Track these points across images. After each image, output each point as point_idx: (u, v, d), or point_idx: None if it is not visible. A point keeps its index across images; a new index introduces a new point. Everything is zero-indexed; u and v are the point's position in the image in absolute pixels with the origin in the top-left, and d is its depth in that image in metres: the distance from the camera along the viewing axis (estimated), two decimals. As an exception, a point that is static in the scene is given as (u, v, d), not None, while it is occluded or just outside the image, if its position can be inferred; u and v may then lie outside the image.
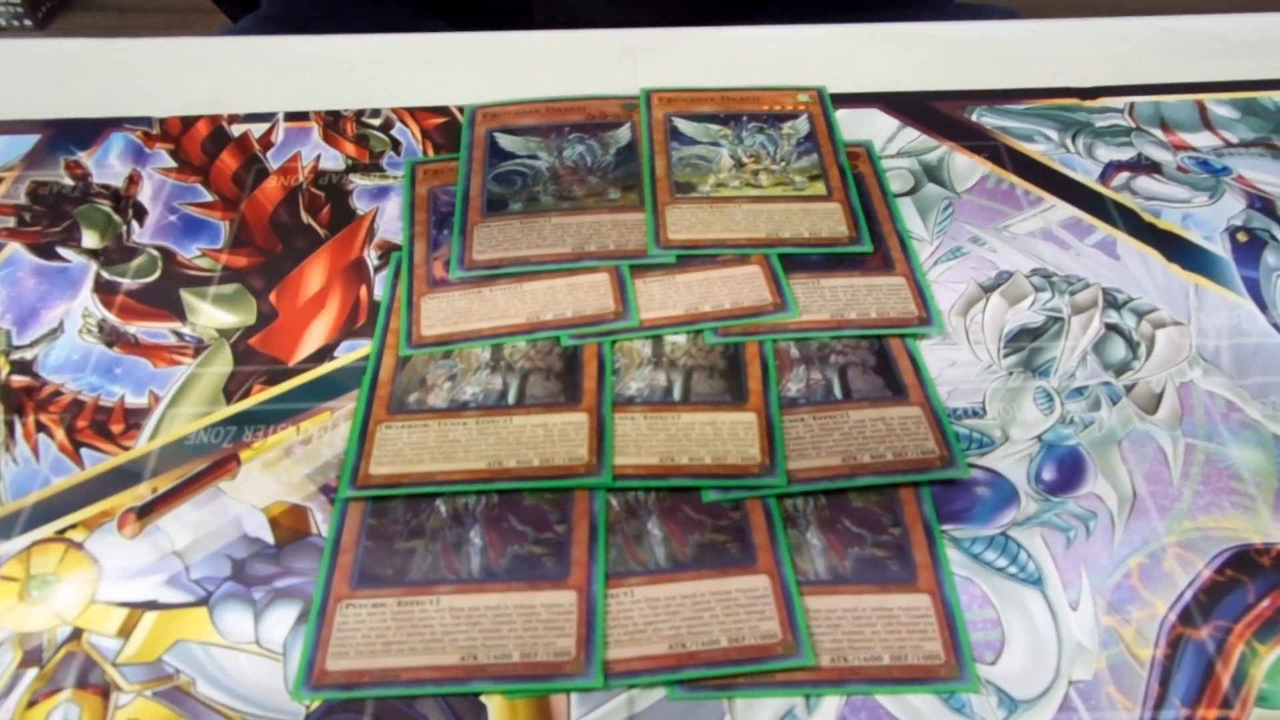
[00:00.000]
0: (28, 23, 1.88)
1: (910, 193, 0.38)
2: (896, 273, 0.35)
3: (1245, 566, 0.27)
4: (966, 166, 0.39)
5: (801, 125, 0.40)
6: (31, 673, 0.25)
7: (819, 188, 0.38)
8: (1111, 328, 0.33)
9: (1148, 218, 0.37)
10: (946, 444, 0.30)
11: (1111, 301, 0.34)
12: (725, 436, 0.30)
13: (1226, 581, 0.27)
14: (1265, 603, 0.27)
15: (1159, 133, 0.41)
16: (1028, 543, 0.28)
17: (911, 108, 0.42)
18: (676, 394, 0.31)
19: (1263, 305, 0.34)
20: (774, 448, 0.30)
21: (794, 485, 0.29)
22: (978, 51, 0.45)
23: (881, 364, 0.32)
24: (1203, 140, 0.40)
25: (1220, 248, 0.36)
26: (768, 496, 0.29)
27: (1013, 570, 0.28)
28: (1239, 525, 0.28)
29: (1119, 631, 0.26)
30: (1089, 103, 0.42)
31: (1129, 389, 0.32)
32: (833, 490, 0.29)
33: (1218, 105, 0.42)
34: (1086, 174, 0.39)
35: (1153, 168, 0.39)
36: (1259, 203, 0.37)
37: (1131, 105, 0.42)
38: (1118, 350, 0.33)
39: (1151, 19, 0.46)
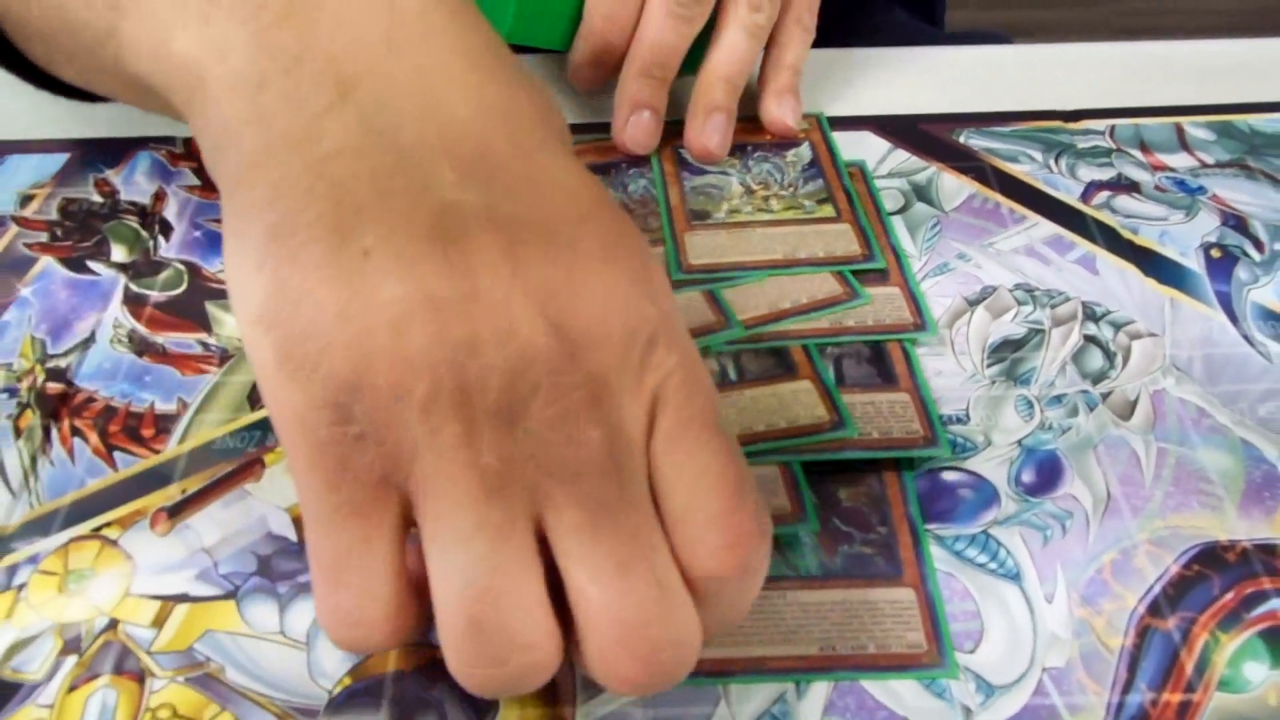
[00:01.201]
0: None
1: (900, 211, 0.40)
2: (891, 283, 0.37)
3: (1211, 562, 0.29)
4: (954, 186, 0.41)
5: (804, 152, 0.42)
6: (71, 660, 0.27)
7: (828, 210, 0.40)
8: (1090, 339, 0.35)
9: (1126, 235, 0.39)
10: (930, 426, 0.32)
11: (1090, 314, 0.36)
12: (789, 402, 0.32)
13: (1193, 576, 0.29)
14: (1229, 595, 0.28)
15: (1138, 154, 0.42)
16: (1007, 540, 0.30)
17: (902, 130, 0.44)
18: (733, 375, 0.33)
19: (1234, 318, 0.36)
20: (837, 406, 0.32)
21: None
22: (967, 76, 0.47)
23: (876, 356, 0.34)
24: (1180, 161, 0.42)
25: (1195, 263, 0.38)
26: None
27: (992, 566, 0.29)
28: (1206, 524, 0.30)
29: (1090, 622, 0.28)
30: (1072, 125, 0.44)
31: (1105, 396, 0.33)
32: (822, 485, 0.31)
33: (1195, 127, 0.44)
34: (1068, 193, 0.41)
35: (1132, 187, 0.41)
36: (1232, 220, 0.39)
37: (1112, 127, 0.44)
38: (1095, 360, 0.34)
39: (1132, 44, 0.48)
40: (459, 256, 0.21)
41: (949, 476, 0.31)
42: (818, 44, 0.44)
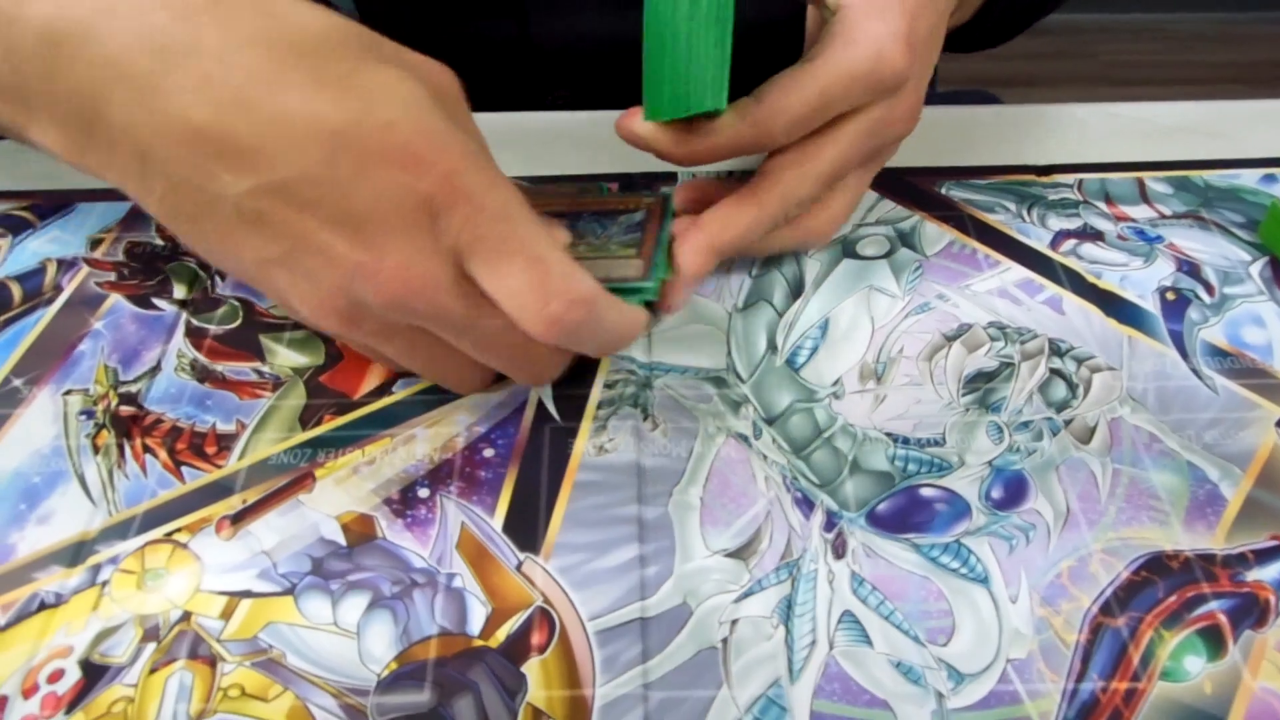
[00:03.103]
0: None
1: (885, 256, 0.44)
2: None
3: (1157, 569, 0.33)
4: (935, 233, 0.45)
5: (635, 216, 0.41)
6: (151, 646, 0.31)
7: (630, 253, 0.38)
8: (1055, 372, 0.39)
9: (1090, 279, 0.43)
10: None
11: (1056, 350, 0.40)
12: None
13: (1141, 581, 0.33)
14: (1172, 598, 0.32)
15: (1103, 205, 0.47)
16: (977, 549, 0.33)
17: (890, 182, 0.48)
18: None
19: (1184, 354, 0.40)
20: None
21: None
22: (950, 133, 0.51)
23: None
24: (1140, 212, 0.46)
25: (1151, 305, 0.42)
26: None
27: (964, 571, 0.33)
28: (1154, 536, 0.34)
29: (1050, 620, 0.32)
30: (1044, 179, 0.48)
31: (1067, 423, 0.37)
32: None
33: (1155, 182, 0.48)
34: (1039, 241, 0.45)
35: (1096, 236, 0.45)
36: (1186, 266, 0.43)
37: (1080, 181, 0.48)
38: (1059, 391, 0.38)
39: (1100, 105, 0.52)
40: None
41: (927, 492, 0.35)
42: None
